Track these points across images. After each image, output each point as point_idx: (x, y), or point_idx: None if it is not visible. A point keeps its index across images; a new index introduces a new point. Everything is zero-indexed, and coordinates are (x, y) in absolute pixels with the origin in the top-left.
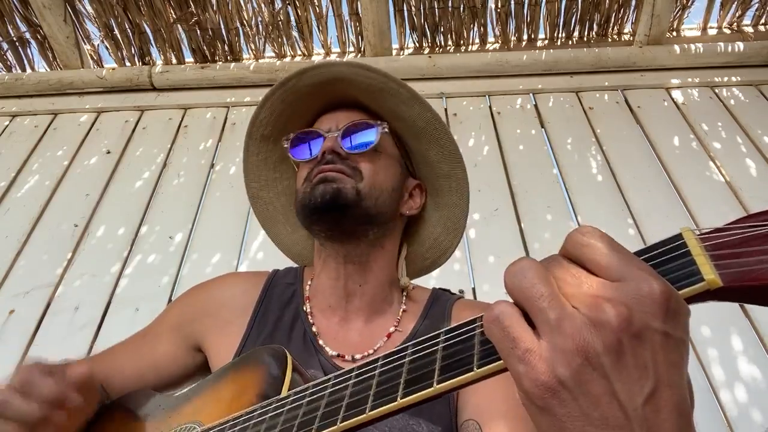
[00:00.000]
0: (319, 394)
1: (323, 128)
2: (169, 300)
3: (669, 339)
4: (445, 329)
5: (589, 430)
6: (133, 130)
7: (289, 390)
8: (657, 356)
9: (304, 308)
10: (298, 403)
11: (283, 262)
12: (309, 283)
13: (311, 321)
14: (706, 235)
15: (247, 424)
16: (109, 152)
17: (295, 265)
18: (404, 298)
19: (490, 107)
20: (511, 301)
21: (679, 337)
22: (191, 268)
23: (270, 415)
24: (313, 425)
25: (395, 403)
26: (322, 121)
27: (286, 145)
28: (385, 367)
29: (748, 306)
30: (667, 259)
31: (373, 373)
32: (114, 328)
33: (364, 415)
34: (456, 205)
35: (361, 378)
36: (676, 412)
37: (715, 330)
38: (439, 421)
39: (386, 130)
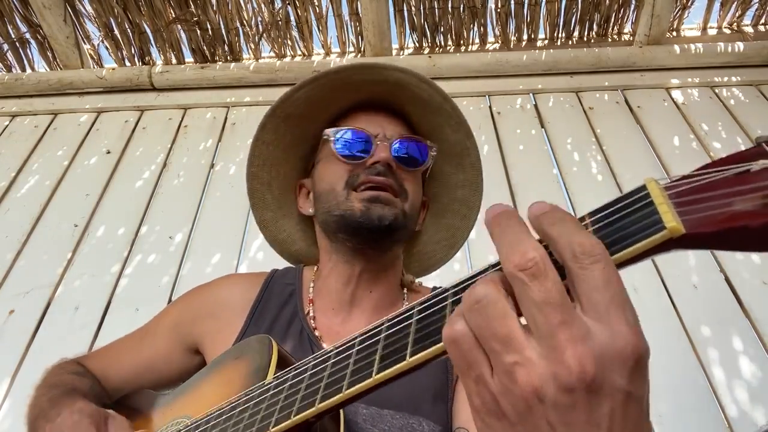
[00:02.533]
0: (300, 378)
1: (369, 131)
2: (169, 300)
3: (630, 398)
4: (418, 301)
5: None
6: (133, 130)
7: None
8: (615, 414)
9: (306, 310)
10: (280, 388)
11: (282, 262)
12: (311, 285)
13: (313, 324)
14: (671, 184)
15: (233, 412)
16: (109, 152)
17: (294, 266)
18: (405, 293)
19: (490, 107)
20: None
21: (640, 395)
22: (191, 268)
23: (255, 401)
24: (293, 408)
25: (370, 379)
26: (360, 119)
27: (330, 137)
28: (362, 345)
29: (747, 306)
30: (631, 211)
31: (350, 352)
32: (114, 328)
33: (341, 394)
34: (459, 228)
35: (339, 358)
36: None
37: (715, 330)
38: (439, 420)
39: (434, 153)
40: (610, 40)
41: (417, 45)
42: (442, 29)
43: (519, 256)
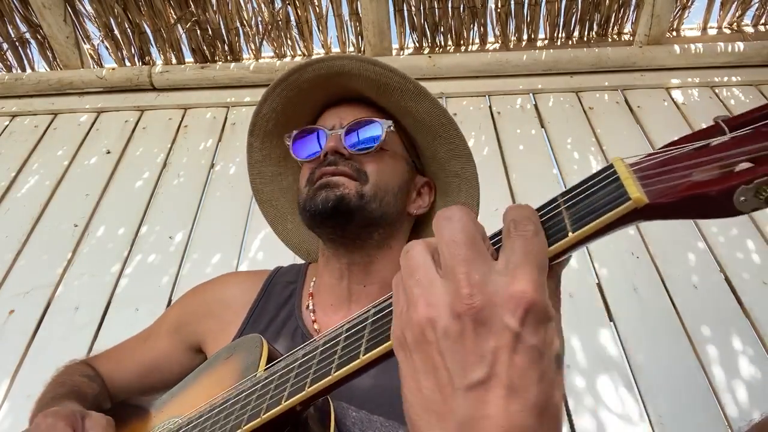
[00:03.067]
0: (290, 367)
1: (327, 125)
2: (169, 300)
3: (520, 341)
4: None
5: (418, 396)
6: (133, 130)
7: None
8: (500, 353)
9: (305, 304)
10: (270, 378)
11: (283, 261)
12: (314, 280)
13: (313, 318)
14: (636, 161)
15: (225, 405)
16: (109, 152)
17: (301, 262)
18: None
19: (490, 107)
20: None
21: (532, 344)
22: (191, 268)
23: (246, 393)
24: (284, 393)
25: (358, 360)
26: (325, 116)
27: (288, 143)
28: (349, 332)
29: (747, 306)
30: (599, 187)
31: (338, 339)
32: (114, 328)
33: (330, 377)
34: (467, 204)
35: (327, 346)
36: (507, 419)
37: (715, 330)
38: None
39: (391, 128)
40: (610, 40)
41: (417, 45)
42: (442, 29)
43: (444, 212)
